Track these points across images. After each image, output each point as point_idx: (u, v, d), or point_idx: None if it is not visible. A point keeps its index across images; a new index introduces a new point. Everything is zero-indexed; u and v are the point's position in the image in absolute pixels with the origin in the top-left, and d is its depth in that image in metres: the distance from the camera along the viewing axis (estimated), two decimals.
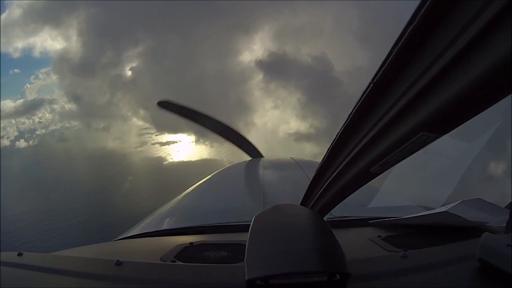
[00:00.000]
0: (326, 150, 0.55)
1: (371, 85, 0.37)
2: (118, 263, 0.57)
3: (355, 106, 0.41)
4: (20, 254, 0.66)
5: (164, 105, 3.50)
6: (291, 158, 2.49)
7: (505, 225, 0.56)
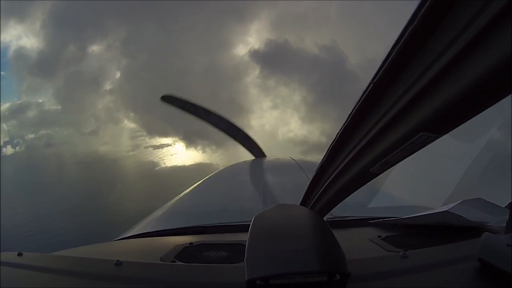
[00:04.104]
0: (326, 150, 0.55)
1: (371, 85, 0.37)
2: (118, 263, 0.57)
3: (355, 106, 0.41)
4: (20, 254, 0.66)
5: (168, 99, 3.46)
6: (291, 158, 2.50)
7: (505, 225, 0.55)
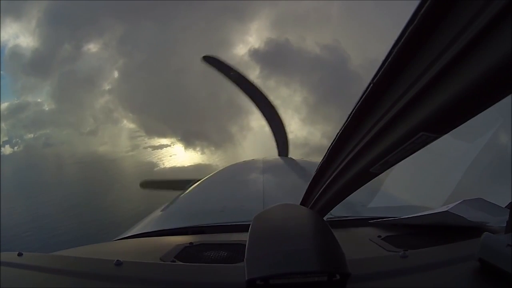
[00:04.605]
0: (326, 150, 0.55)
1: (371, 85, 0.37)
2: (118, 263, 0.57)
3: (355, 106, 0.42)
4: (20, 254, 0.66)
5: (210, 60, 3.21)
6: (291, 158, 2.50)
7: (505, 225, 0.55)
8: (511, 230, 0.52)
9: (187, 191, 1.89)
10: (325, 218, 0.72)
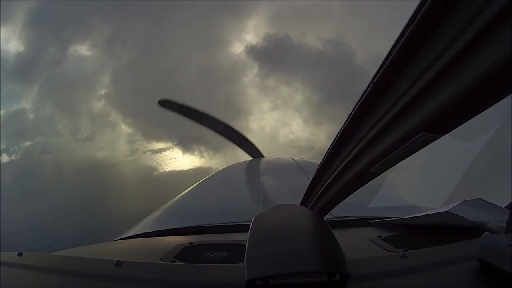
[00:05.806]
0: (326, 150, 0.55)
1: (371, 85, 0.37)
2: (118, 263, 0.57)
3: (355, 106, 0.42)
4: (20, 254, 0.66)
5: (165, 104, 3.56)
6: (291, 158, 2.50)
7: (505, 225, 0.56)
8: (511, 230, 0.52)
9: (187, 191, 1.89)
10: (325, 218, 0.72)
